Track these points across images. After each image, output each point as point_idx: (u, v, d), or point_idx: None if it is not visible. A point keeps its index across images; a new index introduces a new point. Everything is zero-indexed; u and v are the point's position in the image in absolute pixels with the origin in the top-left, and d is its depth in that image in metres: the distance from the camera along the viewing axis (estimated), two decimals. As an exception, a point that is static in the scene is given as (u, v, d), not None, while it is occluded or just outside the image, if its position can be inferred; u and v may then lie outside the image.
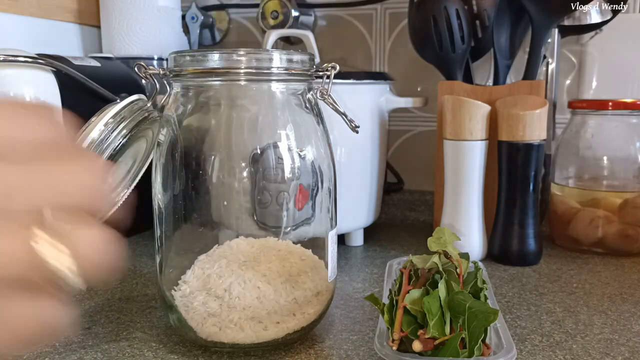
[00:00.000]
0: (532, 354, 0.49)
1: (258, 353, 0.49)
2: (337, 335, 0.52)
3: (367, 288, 0.65)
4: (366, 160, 0.78)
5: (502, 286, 0.65)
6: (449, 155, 0.74)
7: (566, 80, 0.92)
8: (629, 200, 0.76)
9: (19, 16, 0.84)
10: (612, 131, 0.79)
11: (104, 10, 0.93)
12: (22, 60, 0.59)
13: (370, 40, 1.00)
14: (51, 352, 0.49)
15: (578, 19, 0.83)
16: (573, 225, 0.78)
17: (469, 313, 0.40)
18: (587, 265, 0.72)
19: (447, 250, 0.47)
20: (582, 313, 0.57)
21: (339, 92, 0.55)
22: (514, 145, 0.70)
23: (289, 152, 0.49)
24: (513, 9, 0.77)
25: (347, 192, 0.73)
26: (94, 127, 0.45)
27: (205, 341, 0.48)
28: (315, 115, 0.51)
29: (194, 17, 1.03)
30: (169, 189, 0.49)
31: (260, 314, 0.47)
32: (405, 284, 0.45)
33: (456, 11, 0.75)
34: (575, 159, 0.81)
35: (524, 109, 0.70)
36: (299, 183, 0.50)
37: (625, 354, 0.48)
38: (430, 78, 0.93)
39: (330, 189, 0.53)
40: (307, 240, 0.53)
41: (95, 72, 0.71)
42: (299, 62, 0.48)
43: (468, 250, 0.61)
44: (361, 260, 0.75)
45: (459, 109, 0.71)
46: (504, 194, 0.73)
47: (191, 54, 0.47)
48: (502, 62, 0.78)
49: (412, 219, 0.98)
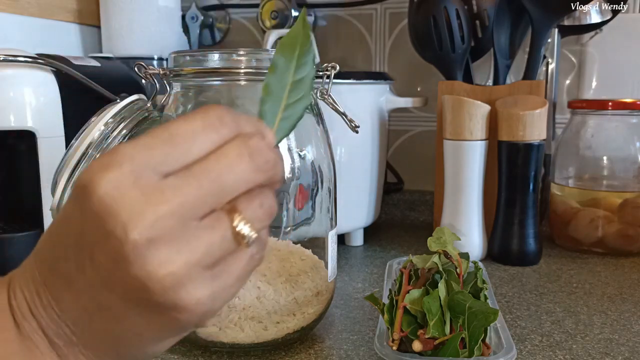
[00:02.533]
0: (532, 354, 0.49)
1: (258, 353, 0.49)
2: (337, 335, 0.52)
3: (367, 288, 0.65)
4: (366, 160, 0.78)
5: (502, 286, 0.65)
6: (449, 155, 0.74)
7: (566, 80, 0.92)
8: (629, 200, 0.76)
9: (19, 16, 0.84)
10: (612, 131, 0.79)
11: (104, 10, 0.93)
12: (22, 60, 0.59)
13: (370, 40, 1.00)
14: (51, 352, 0.49)
15: (578, 19, 0.83)
16: (573, 225, 0.78)
17: (469, 313, 0.40)
18: (587, 265, 0.72)
19: (447, 250, 0.47)
20: (582, 313, 0.57)
21: (339, 92, 0.55)
22: (514, 145, 0.70)
23: (288, 152, 0.49)
24: (513, 9, 0.77)
25: (347, 192, 0.72)
26: (94, 127, 0.45)
27: (205, 341, 0.48)
28: (315, 115, 0.51)
29: (194, 17, 1.03)
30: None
31: (260, 314, 0.47)
32: (405, 284, 0.45)
33: (456, 11, 0.75)
34: (575, 159, 0.81)
35: (524, 108, 0.70)
36: (298, 183, 0.50)
37: (625, 354, 0.48)
38: (430, 78, 0.93)
39: (330, 189, 0.53)
40: (307, 240, 0.53)
41: (95, 72, 0.71)
42: (299, 62, 0.48)
43: (468, 250, 0.61)
44: (361, 260, 0.75)
45: (459, 109, 0.71)
46: (504, 194, 0.73)
47: (191, 54, 0.47)
48: (502, 62, 0.78)
49: (412, 219, 0.98)
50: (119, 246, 0.23)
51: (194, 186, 0.24)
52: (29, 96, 0.59)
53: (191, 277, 0.24)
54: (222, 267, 0.25)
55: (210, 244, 0.24)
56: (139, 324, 0.26)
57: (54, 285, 0.26)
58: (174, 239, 0.24)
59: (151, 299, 0.24)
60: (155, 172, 0.24)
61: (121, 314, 0.26)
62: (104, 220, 0.23)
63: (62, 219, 0.26)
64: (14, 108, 0.58)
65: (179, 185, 0.24)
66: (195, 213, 0.24)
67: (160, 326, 0.26)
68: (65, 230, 0.26)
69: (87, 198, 0.24)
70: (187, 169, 0.24)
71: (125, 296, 0.25)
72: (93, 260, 0.25)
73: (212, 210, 0.25)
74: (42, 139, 0.60)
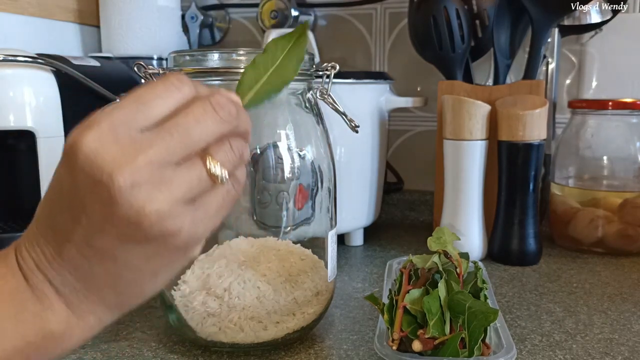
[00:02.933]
0: (532, 353, 0.49)
1: (258, 353, 0.49)
2: (337, 335, 0.52)
3: (367, 288, 0.65)
4: (366, 160, 0.78)
5: (502, 286, 0.65)
6: (449, 155, 0.74)
7: (566, 80, 0.92)
8: (629, 200, 0.76)
9: (19, 16, 0.84)
10: (612, 131, 0.79)
11: (103, 10, 0.93)
12: (22, 60, 0.59)
13: (370, 40, 1.00)
14: (51, 352, 0.49)
15: (578, 18, 0.83)
16: (573, 225, 0.78)
17: (469, 313, 0.40)
18: (587, 265, 0.72)
19: (447, 250, 0.47)
20: (582, 313, 0.57)
21: (339, 91, 0.55)
22: (514, 145, 0.70)
23: (288, 152, 0.49)
24: (513, 9, 0.77)
25: (347, 192, 0.72)
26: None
27: (205, 341, 0.48)
28: (315, 114, 0.51)
29: (194, 17, 1.03)
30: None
31: (260, 314, 0.47)
32: (405, 284, 0.45)
33: (456, 11, 0.75)
34: (575, 158, 0.81)
35: (523, 108, 0.70)
36: (298, 183, 0.50)
37: (625, 354, 0.48)
38: (430, 78, 0.93)
39: (330, 188, 0.53)
40: (307, 240, 0.53)
41: (95, 72, 0.71)
42: (299, 62, 0.48)
43: (468, 250, 0.60)
44: (361, 260, 0.75)
45: (459, 109, 0.71)
46: (504, 193, 0.73)
47: (191, 53, 0.47)
48: (502, 62, 0.78)
49: (412, 219, 0.98)
50: (107, 192, 0.27)
51: (166, 138, 0.28)
52: (29, 96, 0.59)
53: (173, 211, 0.28)
54: (202, 201, 0.30)
55: (187, 183, 0.29)
56: (133, 259, 0.30)
57: (55, 240, 0.30)
58: (154, 182, 0.28)
59: (141, 233, 0.28)
60: (131, 128, 0.28)
61: (116, 253, 0.30)
62: (91, 173, 0.27)
63: (55, 182, 0.31)
64: (14, 108, 0.58)
65: (153, 138, 0.28)
66: (170, 159, 0.28)
67: (153, 256, 0.30)
68: (59, 191, 0.30)
69: (74, 157, 0.28)
70: (159, 124, 0.29)
71: (118, 236, 0.29)
72: (86, 210, 0.29)
73: (186, 157, 0.29)
74: (42, 139, 0.60)
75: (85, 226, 0.29)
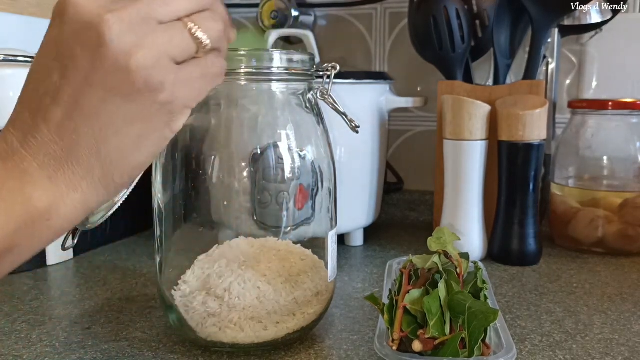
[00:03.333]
0: (532, 354, 0.49)
1: (258, 353, 0.49)
2: (337, 335, 0.52)
3: (367, 288, 0.65)
4: (366, 160, 0.78)
5: (502, 286, 0.65)
6: (449, 155, 0.74)
7: (566, 80, 0.92)
8: (629, 200, 0.76)
9: (19, 16, 0.84)
10: (612, 131, 0.79)
11: (103, 10, 0.93)
12: (22, 60, 0.59)
13: (370, 40, 1.00)
14: (51, 352, 0.49)
15: (578, 19, 0.83)
16: (573, 225, 0.78)
17: (469, 313, 0.40)
18: (587, 265, 0.72)
19: (447, 250, 0.47)
20: (582, 313, 0.57)
21: (339, 92, 0.55)
22: (514, 145, 0.70)
23: (289, 152, 0.49)
24: (513, 9, 0.77)
25: (347, 192, 0.72)
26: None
27: (205, 341, 0.48)
28: (316, 115, 0.51)
29: (194, 17, 1.03)
30: (169, 189, 0.49)
31: (260, 314, 0.47)
32: (405, 284, 0.45)
33: (456, 11, 0.75)
34: (575, 158, 0.81)
35: (523, 108, 0.70)
36: (299, 183, 0.50)
37: (625, 354, 0.48)
38: (430, 78, 0.93)
39: (330, 189, 0.53)
40: (307, 240, 0.53)
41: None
42: (299, 62, 0.48)
43: (468, 250, 0.61)
44: (361, 260, 0.75)
45: (459, 109, 0.71)
46: (504, 193, 0.73)
47: (191, 54, 0.47)
48: (502, 62, 0.78)
49: (412, 219, 0.98)
50: (96, 33, 0.29)
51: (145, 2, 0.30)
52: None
53: (157, 63, 0.30)
54: (186, 64, 0.32)
55: (171, 39, 0.31)
56: (118, 118, 0.31)
57: (41, 107, 0.31)
58: (141, 32, 0.30)
59: (127, 84, 0.30)
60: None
61: (101, 106, 0.30)
62: (81, 19, 0.29)
63: (42, 46, 0.31)
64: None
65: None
66: (155, 16, 0.30)
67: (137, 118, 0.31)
68: (46, 50, 0.31)
69: (65, 12, 0.30)
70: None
71: (104, 85, 0.30)
72: (75, 59, 0.30)
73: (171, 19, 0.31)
74: (42, 139, 0.60)
75: (73, 81, 0.30)
